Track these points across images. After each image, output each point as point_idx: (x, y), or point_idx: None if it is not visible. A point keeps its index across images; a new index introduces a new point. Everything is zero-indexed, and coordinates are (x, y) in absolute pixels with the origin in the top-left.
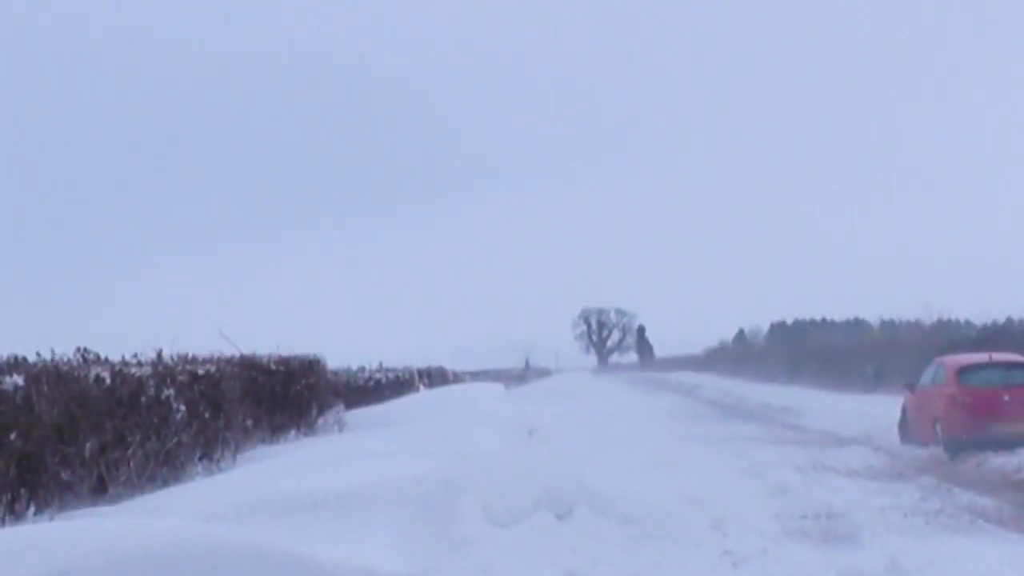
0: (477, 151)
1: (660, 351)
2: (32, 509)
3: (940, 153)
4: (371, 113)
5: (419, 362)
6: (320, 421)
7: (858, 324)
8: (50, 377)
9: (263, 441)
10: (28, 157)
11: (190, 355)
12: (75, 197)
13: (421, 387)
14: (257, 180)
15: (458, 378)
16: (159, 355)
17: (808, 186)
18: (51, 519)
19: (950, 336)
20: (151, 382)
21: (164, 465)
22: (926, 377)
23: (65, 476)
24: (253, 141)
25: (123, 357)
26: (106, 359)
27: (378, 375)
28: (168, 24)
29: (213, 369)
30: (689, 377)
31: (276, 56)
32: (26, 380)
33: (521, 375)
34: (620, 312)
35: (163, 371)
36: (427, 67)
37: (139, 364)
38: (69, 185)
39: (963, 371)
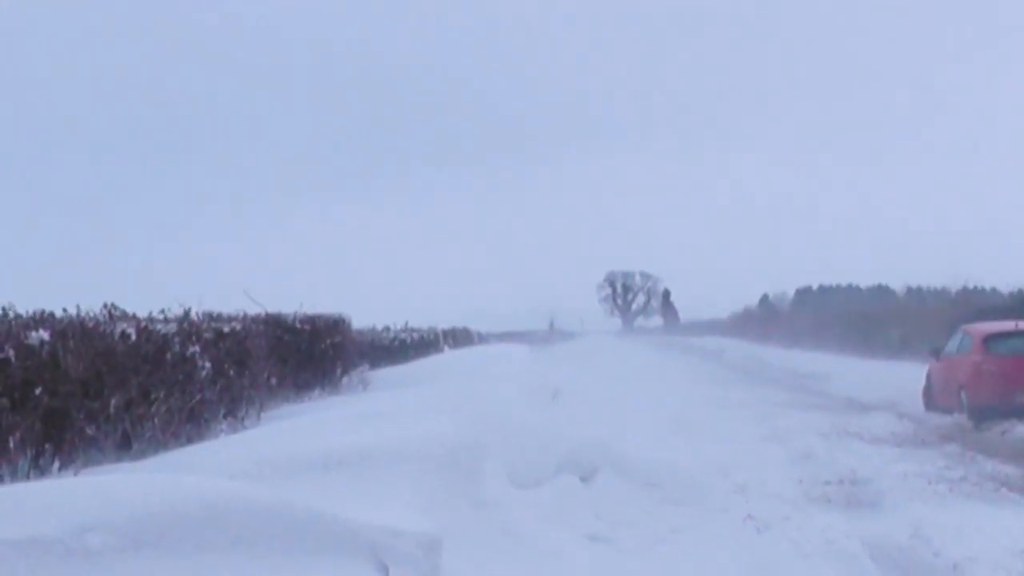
0: (504, 117)
1: (685, 315)
2: (57, 464)
3: (967, 119)
4: (400, 80)
5: (444, 323)
6: (345, 380)
7: (884, 290)
8: (76, 332)
9: (287, 399)
10: (59, 116)
11: (216, 313)
12: (106, 156)
13: (446, 348)
14: (286, 141)
15: (483, 339)
16: (186, 312)
17: (835, 151)
18: (76, 474)
19: (976, 303)
20: (176, 339)
21: (188, 422)
22: (952, 344)
23: (90, 432)
24: (282, 103)
25: (150, 314)
26: (133, 315)
27: (403, 335)
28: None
29: (239, 327)
30: (714, 342)
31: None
32: (52, 335)
33: (546, 337)
34: (645, 275)
35: (189, 328)
36: (453, 33)
37: (165, 321)
38: (100, 143)
39: (989, 339)
